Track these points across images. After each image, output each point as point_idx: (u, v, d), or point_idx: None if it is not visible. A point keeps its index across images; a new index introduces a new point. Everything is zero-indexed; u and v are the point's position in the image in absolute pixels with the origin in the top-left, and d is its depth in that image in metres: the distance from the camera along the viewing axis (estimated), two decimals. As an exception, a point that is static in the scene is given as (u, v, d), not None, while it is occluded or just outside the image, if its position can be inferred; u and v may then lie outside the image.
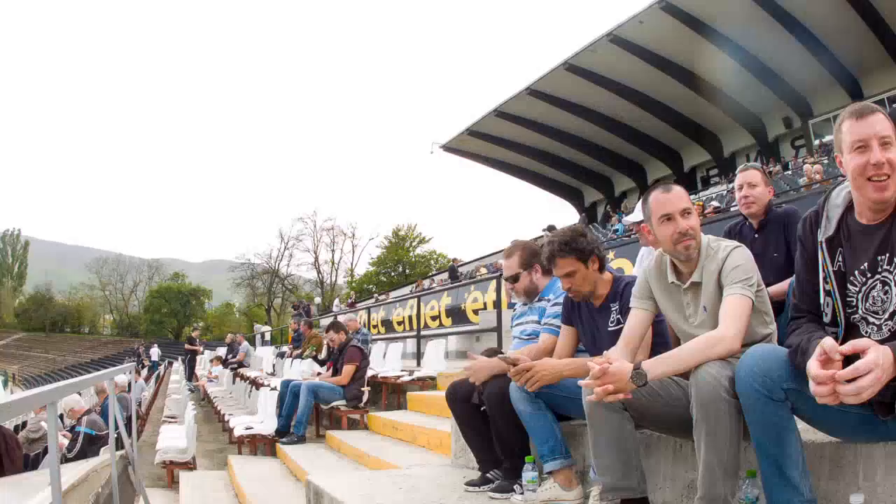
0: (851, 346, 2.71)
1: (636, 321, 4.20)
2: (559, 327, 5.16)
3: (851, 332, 3.12)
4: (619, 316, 4.76)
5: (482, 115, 48.29)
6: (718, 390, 3.27)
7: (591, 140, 48.74)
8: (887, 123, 3.00)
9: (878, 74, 37.05)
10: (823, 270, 3.21)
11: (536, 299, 5.70)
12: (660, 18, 36.19)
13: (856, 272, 3.12)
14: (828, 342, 2.75)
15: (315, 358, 15.73)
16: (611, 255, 12.75)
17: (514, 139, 49.76)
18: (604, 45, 38.82)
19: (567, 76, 41.57)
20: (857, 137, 3.03)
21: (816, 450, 3.42)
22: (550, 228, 22.69)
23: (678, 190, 4.06)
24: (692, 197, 36.62)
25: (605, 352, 3.90)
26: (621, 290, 4.80)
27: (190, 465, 12.32)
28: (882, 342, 2.78)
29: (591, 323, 4.98)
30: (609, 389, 3.49)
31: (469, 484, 5.37)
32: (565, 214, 58.53)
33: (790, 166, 36.68)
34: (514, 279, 5.66)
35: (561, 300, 5.17)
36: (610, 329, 4.79)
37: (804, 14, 34.35)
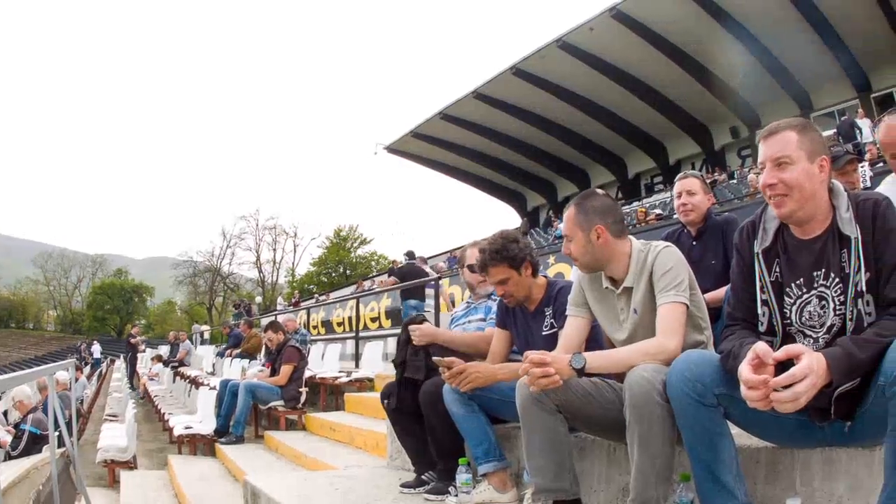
0: (785, 351, 2.73)
1: (573, 328, 4.22)
2: None
3: (788, 342, 3.10)
4: (552, 320, 4.79)
5: (427, 117, 48.22)
6: (651, 394, 3.26)
7: (535, 145, 48.93)
8: (788, 143, 3.09)
9: (828, 88, 37.80)
10: (760, 280, 3.25)
11: (484, 297, 5.77)
12: (610, 26, 36.36)
13: (792, 285, 3.18)
14: (761, 346, 2.78)
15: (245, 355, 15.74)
16: (552, 259, 12.90)
17: (458, 142, 49.75)
18: (552, 50, 38.92)
19: (514, 81, 41.62)
20: (759, 159, 3.18)
21: (752, 454, 3.47)
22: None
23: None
24: (635, 204, 36.78)
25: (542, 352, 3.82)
26: (555, 295, 4.82)
27: (131, 465, 12.18)
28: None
29: (526, 327, 4.99)
30: (549, 371, 3.54)
31: (404, 485, 5.38)
32: (508, 218, 58.69)
33: (735, 175, 37.02)
34: (473, 268, 5.64)
35: None
36: (544, 333, 4.82)
37: (757, 25, 34.76)
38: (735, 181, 35.10)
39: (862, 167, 12.69)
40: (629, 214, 34.14)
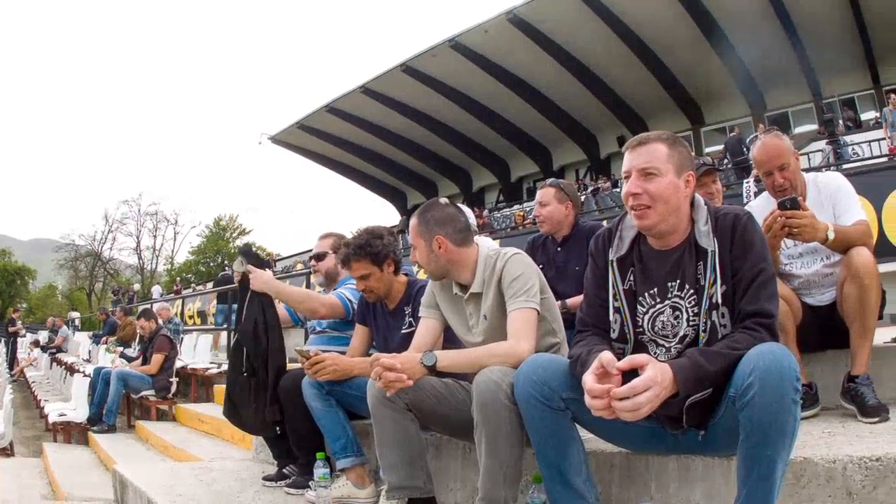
0: (629, 361, 2.77)
1: (425, 329, 4.28)
2: None
3: (640, 350, 3.15)
4: (411, 319, 4.84)
5: (314, 109, 47.92)
6: (499, 395, 3.28)
7: (420, 143, 49.00)
8: (657, 155, 3.14)
9: (722, 104, 38.85)
10: (613, 288, 3.29)
11: (334, 287, 5.69)
12: (505, 29, 36.68)
13: (646, 294, 3.23)
14: (605, 356, 2.82)
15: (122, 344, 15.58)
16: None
17: (344, 137, 49.46)
18: (444, 50, 39.05)
19: (404, 78, 41.60)
20: (623, 168, 3.21)
21: (606, 458, 3.59)
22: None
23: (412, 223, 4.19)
24: (515, 207, 37.08)
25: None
26: (414, 294, 4.84)
27: (7, 452, 11.90)
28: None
29: (385, 324, 5.06)
30: (401, 377, 3.62)
31: (266, 478, 5.45)
32: (388, 215, 58.64)
33: (619, 184, 37.60)
34: (321, 257, 5.70)
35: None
36: (403, 332, 4.86)
37: (651, 37, 35.46)
38: (618, 190, 35.56)
39: (747, 182, 12.99)
40: (508, 217, 34.32)
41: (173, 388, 12.60)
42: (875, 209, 12.35)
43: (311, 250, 6.06)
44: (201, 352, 15.40)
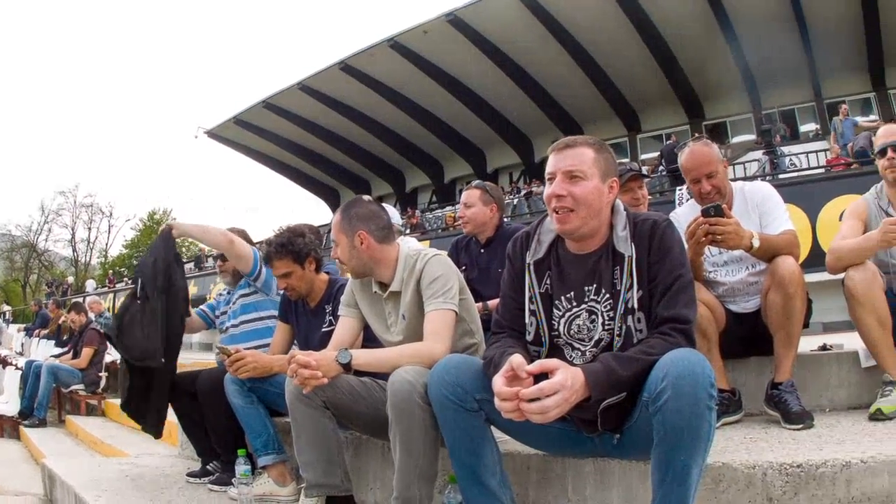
0: (539, 365, 2.78)
1: (344, 328, 4.32)
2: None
3: (555, 353, 3.20)
4: (331, 318, 4.85)
5: (250, 104, 47.37)
6: (413, 395, 3.31)
7: (355, 142, 48.61)
8: (583, 158, 3.16)
9: (659, 111, 39.18)
10: (529, 291, 3.31)
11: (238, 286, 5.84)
12: (445, 31, 36.49)
13: (562, 298, 3.25)
14: (516, 359, 2.80)
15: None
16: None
17: (279, 133, 48.91)
18: (383, 49, 38.74)
19: (342, 76, 41.23)
20: (548, 169, 3.22)
21: (523, 460, 3.65)
22: None
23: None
24: (448, 209, 37.05)
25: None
26: (335, 293, 4.89)
27: None
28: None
29: (306, 322, 5.15)
30: (316, 374, 3.60)
31: (190, 475, 5.49)
32: (322, 214, 58.38)
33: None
34: (225, 258, 5.69)
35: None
36: (323, 330, 4.94)
37: (590, 42, 35.55)
38: (550, 192, 35.73)
39: (680, 189, 13.13)
40: (440, 218, 34.29)
41: (102, 383, 12.51)
42: (810, 219, 12.49)
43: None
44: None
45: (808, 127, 35.92)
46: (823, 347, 5.01)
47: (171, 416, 5.86)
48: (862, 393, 4.50)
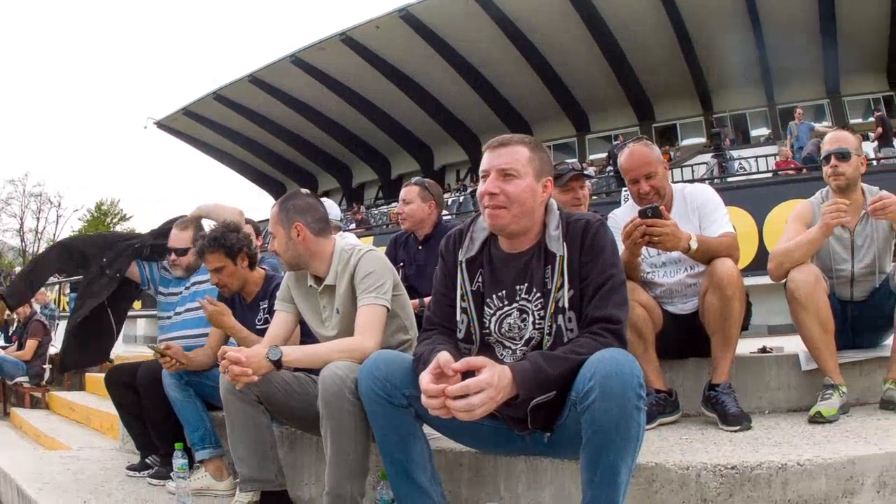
0: (465, 363, 2.75)
1: (279, 322, 4.30)
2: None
3: (486, 351, 3.22)
4: (267, 315, 4.90)
5: (200, 96, 47.06)
6: (343, 391, 3.32)
7: (303, 136, 48.59)
8: (518, 157, 3.17)
9: (610, 112, 39.66)
10: (461, 288, 3.32)
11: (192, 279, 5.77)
12: (397, 27, 36.52)
13: (494, 296, 3.26)
14: (443, 356, 2.79)
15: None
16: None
17: (229, 125, 48.67)
18: (335, 44, 38.68)
19: (293, 69, 41.11)
20: (482, 167, 3.24)
21: (456, 457, 3.68)
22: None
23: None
24: (394, 205, 37.48)
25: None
26: (271, 289, 4.88)
27: None
28: None
29: (242, 318, 5.03)
30: (246, 371, 3.55)
31: (130, 468, 5.45)
32: (266, 208, 58.27)
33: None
34: (183, 252, 5.60)
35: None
36: (258, 327, 4.94)
37: (543, 43, 35.84)
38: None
39: (626, 190, 13.13)
40: (386, 214, 34.33)
41: (47, 375, 12.43)
42: (757, 223, 12.53)
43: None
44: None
45: (759, 131, 36.33)
46: (763, 350, 5.01)
47: (112, 409, 5.92)
48: (802, 396, 4.51)
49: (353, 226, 31.23)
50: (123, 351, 12.53)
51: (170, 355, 4.71)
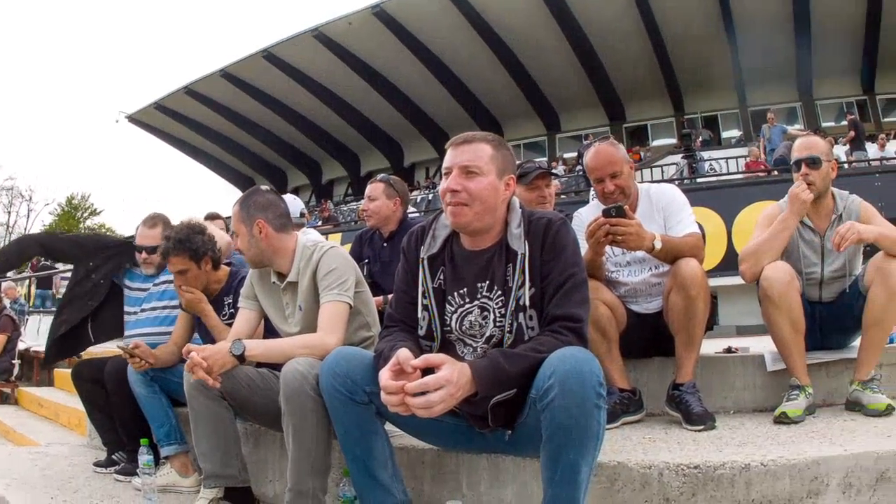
0: (424, 360, 2.77)
1: (243, 319, 4.32)
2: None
3: (447, 348, 3.23)
4: (231, 310, 4.91)
5: (172, 90, 46.70)
6: (304, 387, 3.33)
7: (274, 132, 48.39)
8: (481, 154, 3.18)
9: (581, 113, 39.70)
10: (423, 286, 3.31)
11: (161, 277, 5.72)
12: (369, 23, 36.47)
13: (455, 293, 3.27)
14: (403, 353, 2.81)
15: None
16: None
17: (200, 120, 48.46)
18: (307, 39, 38.61)
19: (264, 65, 40.94)
20: (445, 164, 3.25)
21: (417, 455, 3.68)
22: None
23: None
24: (363, 201, 37.87)
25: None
26: (235, 285, 4.89)
27: None
28: None
29: None
30: (208, 364, 3.58)
31: (97, 464, 5.45)
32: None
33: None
34: (154, 250, 5.48)
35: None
36: (223, 322, 4.93)
37: (515, 42, 36.02)
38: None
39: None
40: (354, 211, 34.33)
41: (16, 371, 12.35)
42: (726, 224, 12.58)
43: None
44: (45, 334, 14.63)
45: (730, 133, 36.51)
46: (729, 350, 5.03)
47: (81, 405, 5.86)
48: (768, 396, 4.50)
49: (319, 223, 31.21)
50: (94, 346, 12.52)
51: (138, 354, 4.68)
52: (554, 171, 6.26)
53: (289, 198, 6.46)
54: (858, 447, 3.28)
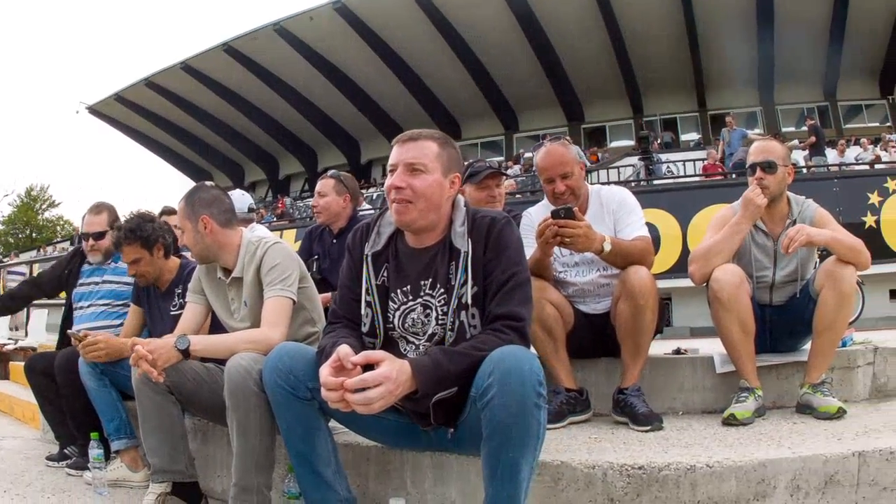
0: (365, 356, 2.76)
1: (190, 314, 4.38)
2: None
3: (390, 346, 3.25)
4: (182, 300, 4.89)
5: (132, 82, 46.39)
6: (248, 382, 3.33)
7: (232, 126, 48.24)
8: (426, 152, 3.18)
9: (539, 112, 40.12)
10: (366, 283, 3.31)
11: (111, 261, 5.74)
12: (331, 18, 36.52)
13: (398, 291, 3.27)
14: (343, 349, 2.78)
15: None
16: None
17: (159, 113, 48.17)
18: (268, 33, 38.56)
19: (225, 58, 40.87)
20: (390, 161, 3.24)
21: (362, 452, 3.69)
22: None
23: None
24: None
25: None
26: (185, 276, 4.89)
27: None
28: None
29: (157, 306, 5.19)
30: (153, 358, 3.61)
31: (49, 458, 5.47)
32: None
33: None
34: (101, 236, 5.57)
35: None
36: (172, 313, 4.98)
37: (476, 41, 36.23)
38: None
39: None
40: (310, 207, 34.37)
41: (-26, 364, 12.36)
42: (681, 226, 12.60)
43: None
44: (2, 327, 14.79)
45: (689, 136, 36.73)
46: (678, 351, 5.01)
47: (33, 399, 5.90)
48: (717, 397, 4.50)
49: (275, 219, 31.13)
50: (46, 339, 12.41)
51: (90, 343, 4.56)
52: (505, 170, 6.21)
53: (236, 193, 6.49)
54: (807, 450, 3.28)
